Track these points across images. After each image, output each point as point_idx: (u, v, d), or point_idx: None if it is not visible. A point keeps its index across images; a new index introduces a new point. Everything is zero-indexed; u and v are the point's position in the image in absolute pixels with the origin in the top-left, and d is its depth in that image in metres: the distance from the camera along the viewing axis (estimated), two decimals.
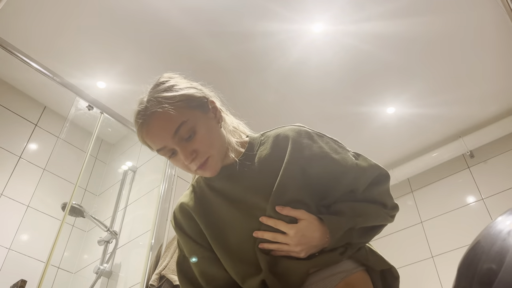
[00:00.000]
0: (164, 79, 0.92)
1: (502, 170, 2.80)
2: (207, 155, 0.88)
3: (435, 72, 2.58)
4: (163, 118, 0.85)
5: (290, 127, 0.98)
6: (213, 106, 0.93)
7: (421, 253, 2.88)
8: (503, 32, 2.33)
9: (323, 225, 0.87)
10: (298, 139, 0.94)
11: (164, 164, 2.50)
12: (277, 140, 0.96)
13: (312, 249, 0.87)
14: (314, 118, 2.89)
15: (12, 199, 2.41)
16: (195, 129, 0.86)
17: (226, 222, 0.92)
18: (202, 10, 2.25)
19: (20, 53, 1.95)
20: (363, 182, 0.93)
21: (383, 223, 0.96)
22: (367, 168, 0.93)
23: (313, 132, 0.97)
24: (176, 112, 0.85)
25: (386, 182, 0.97)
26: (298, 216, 0.87)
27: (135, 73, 2.60)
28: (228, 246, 0.92)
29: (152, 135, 0.87)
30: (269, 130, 1.01)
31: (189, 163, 0.87)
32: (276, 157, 0.93)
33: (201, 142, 0.86)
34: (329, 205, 0.94)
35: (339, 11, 2.25)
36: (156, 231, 2.20)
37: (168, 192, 2.37)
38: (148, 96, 0.89)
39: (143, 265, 2.11)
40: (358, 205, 0.92)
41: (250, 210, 0.90)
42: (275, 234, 0.87)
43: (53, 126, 2.78)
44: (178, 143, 0.86)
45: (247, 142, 0.99)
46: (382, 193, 0.96)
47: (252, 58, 2.50)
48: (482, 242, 0.62)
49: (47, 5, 2.22)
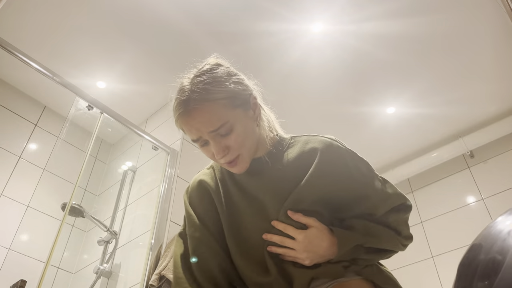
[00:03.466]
0: (211, 67, 0.89)
1: (502, 170, 2.80)
2: (238, 153, 0.87)
3: (435, 72, 2.58)
4: (205, 115, 0.83)
5: (322, 138, 0.95)
6: (254, 103, 0.92)
7: (421, 253, 2.88)
8: (503, 32, 2.33)
9: (332, 236, 0.87)
10: (327, 153, 0.91)
11: (164, 164, 2.50)
12: (305, 148, 0.94)
13: (318, 258, 0.87)
14: (314, 118, 2.89)
15: (12, 199, 2.41)
16: (233, 127, 0.85)
17: (239, 214, 0.92)
18: (202, 10, 2.25)
19: (20, 53, 1.94)
20: (383, 208, 0.92)
21: (393, 249, 0.95)
22: (391, 196, 0.93)
23: (344, 149, 0.94)
24: (219, 111, 0.83)
25: (407, 213, 0.96)
26: (308, 223, 0.87)
27: (135, 73, 2.60)
28: (239, 238, 0.92)
29: (191, 126, 0.85)
30: (300, 135, 0.99)
31: (219, 158, 0.87)
32: (300, 165, 0.91)
33: (236, 140, 0.86)
34: (343, 218, 0.93)
35: (339, 11, 2.25)
36: (156, 231, 2.20)
37: (168, 192, 2.37)
38: (192, 84, 0.85)
39: (143, 265, 2.11)
40: (371, 225, 0.91)
41: (263, 210, 0.90)
42: (283, 238, 0.87)
43: (53, 126, 2.78)
44: (214, 137, 0.85)
45: (276, 140, 0.98)
46: (399, 221, 0.95)
47: (251, 58, 2.50)
48: (482, 242, 0.61)
49: (47, 5, 2.22)
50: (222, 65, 0.91)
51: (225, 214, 0.94)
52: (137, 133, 2.54)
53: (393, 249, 0.95)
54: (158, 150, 2.61)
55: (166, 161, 2.50)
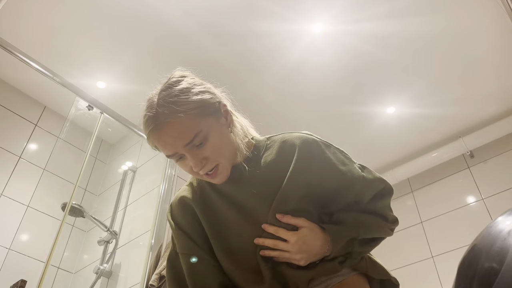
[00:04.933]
0: (176, 79, 0.89)
1: (502, 170, 2.80)
2: (217, 162, 0.86)
3: (435, 72, 2.58)
4: (177, 128, 0.82)
5: (298, 134, 0.95)
6: (225, 110, 0.91)
7: (421, 253, 2.88)
8: (503, 32, 2.33)
9: (325, 234, 0.87)
10: (305, 148, 0.91)
11: (164, 164, 2.50)
12: (283, 146, 0.94)
13: (313, 258, 0.87)
14: (314, 118, 2.89)
15: (12, 199, 2.41)
16: (208, 137, 0.84)
17: (227, 224, 0.91)
18: (202, 10, 2.25)
19: (20, 53, 1.95)
20: (368, 194, 0.93)
21: (383, 236, 0.96)
22: (373, 181, 0.93)
23: (320, 141, 0.94)
24: (190, 122, 0.82)
25: (389, 196, 0.97)
26: (298, 224, 0.87)
27: (135, 73, 2.60)
28: (229, 248, 0.91)
29: (164, 142, 0.84)
30: (275, 135, 0.99)
31: (198, 170, 0.85)
32: (281, 164, 0.91)
33: (212, 150, 0.85)
34: (331, 213, 0.94)
35: (339, 11, 2.25)
36: (156, 231, 2.20)
37: (168, 192, 2.37)
38: (159, 99, 0.84)
39: (143, 265, 2.11)
40: (361, 216, 0.92)
41: (252, 215, 0.89)
42: (276, 241, 0.87)
43: (53, 126, 2.78)
44: (189, 150, 0.84)
45: (252, 144, 0.97)
46: (384, 207, 0.96)
47: (251, 58, 2.50)
48: (482, 242, 0.62)
49: (47, 5, 2.22)
50: (187, 76, 0.91)
51: (212, 227, 0.92)
52: (137, 133, 2.54)
53: (383, 235, 0.96)
54: (158, 150, 2.61)
55: (166, 161, 2.50)
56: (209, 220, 0.93)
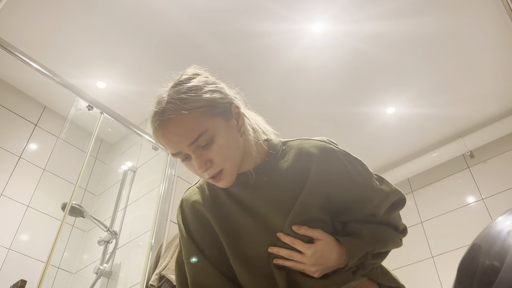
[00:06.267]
0: (188, 77, 0.86)
1: (502, 170, 2.80)
2: (221, 167, 0.82)
3: (435, 72, 2.58)
4: (182, 126, 0.79)
5: (315, 142, 0.92)
6: (236, 112, 0.87)
7: (421, 253, 2.88)
8: (503, 32, 2.33)
9: (341, 246, 0.86)
10: (323, 158, 0.88)
11: (164, 164, 2.50)
12: (300, 154, 0.90)
13: (327, 270, 0.86)
14: (314, 118, 2.89)
15: (12, 199, 2.41)
16: (214, 138, 0.81)
17: (242, 231, 0.89)
18: (202, 10, 2.25)
19: (20, 53, 1.94)
20: (385, 207, 0.92)
21: (394, 247, 0.96)
22: (390, 193, 0.93)
23: (339, 151, 0.91)
24: (196, 120, 0.79)
25: (402, 206, 0.97)
26: (315, 236, 0.85)
27: (135, 73, 2.60)
28: (243, 255, 0.88)
29: (168, 140, 0.81)
30: (292, 140, 0.95)
31: (202, 172, 0.83)
32: (297, 173, 0.88)
33: (218, 152, 0.81)
34: (346, 222, 0.93)
35: (339, 11, 2.25)
36: (156, 231, 2.20)
37: (168, 192, 2.37)
38: (168, 95, 0.82)
39: (143, 265, 2.11)
40: (377, 229, 0.91)
41: (266, 223, 0.87)
42: (291, 252, 0.85)
43: (53, 126, 2.78)
44: (194, 150, 0.81)
45: (266, 147, 0.93)
46: (396, 216, 0.96)
47: (252, 58, 2.50)
48: (482, 242, 0.62)
49: (47, 5, 2.22)
50: (200, 74, 0.88)
51: (226, 233, 0.90)
52: (137, 133, 2.54)
53: (395, 247, 0.96)
54: (158, 150, 2.61)
55: (166, 161, 2.50)
56: (223, 226, 0.90)
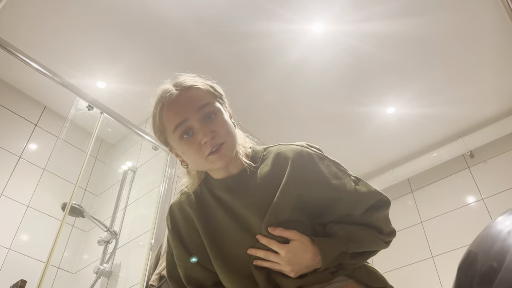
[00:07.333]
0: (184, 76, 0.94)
1: (502, 170, 2.80)
2: (224, 139, 0.87)
3: (435, 72, 2.58)
4: (192, 94, 0.88)
5: (292, 146, 0.96)
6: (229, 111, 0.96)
7: (421, 253, 2.88)
8: (503, 32, 2.33)
9: (315, 246, 0.88)
10: (298, 161, 0.92)
11: (164, 164, 2.50)
12: (277, 158, 0.95)
13: (303, 269, 0.88)
14: (314, 118, 2.89)
15: (12, 199, 2.41)
16: (217, 113, 0.88)
17: (224, 232, 0.93)
18: (202, 10, 2.25)
19: (20, 53, 1.94)
20: (360, 207, 0.92)
21: (376, 249, 0.96)
22: (366, 194, 0.92)
23: (314, 153, 0.95)
24: (204, 93, 0.89)
25: (386, 208, 0.96)
26: (290, 236, 0.88)
27: (135, 73, 2.60)
28: (225, 256, 0.93)
29: (178, 105, 0.87)
30: (272, 145, 1.00)
31: (206, 141, 0.85)
32: (274, 177, 0.92)
33: (222, 125, 0.87)
34: (325, 223, 0.94)
35: (339, 11, 2.25)
36: (156, 231, 2.20)
37: (168, 192, 2.37)
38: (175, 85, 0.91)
39: (143, 265, 2.11)
40: (353, 229, 0.92)
41: (246, 225, 0.91)
42: (267, 253, 0.89)
43: (53, 126, 2.78)
44: (200, 120, 0.86)
45: (250, 155, 0.98)
46: (379, 218, 0.95)
47: (252, 58, 2.50)
48: (482, 242, 0.62)
49: (47, 5, 2.22)
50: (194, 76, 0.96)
51: (208, 235, 0.94)
52: (137, 133, 2.54)
53: (376, 249, 0.96)
54: (158, 150, 2.61)
55: (166, 161, 2.50)
56: (206, 227, 0.95)
